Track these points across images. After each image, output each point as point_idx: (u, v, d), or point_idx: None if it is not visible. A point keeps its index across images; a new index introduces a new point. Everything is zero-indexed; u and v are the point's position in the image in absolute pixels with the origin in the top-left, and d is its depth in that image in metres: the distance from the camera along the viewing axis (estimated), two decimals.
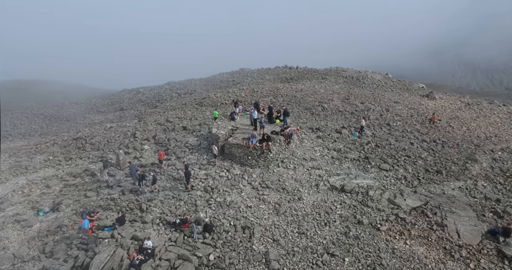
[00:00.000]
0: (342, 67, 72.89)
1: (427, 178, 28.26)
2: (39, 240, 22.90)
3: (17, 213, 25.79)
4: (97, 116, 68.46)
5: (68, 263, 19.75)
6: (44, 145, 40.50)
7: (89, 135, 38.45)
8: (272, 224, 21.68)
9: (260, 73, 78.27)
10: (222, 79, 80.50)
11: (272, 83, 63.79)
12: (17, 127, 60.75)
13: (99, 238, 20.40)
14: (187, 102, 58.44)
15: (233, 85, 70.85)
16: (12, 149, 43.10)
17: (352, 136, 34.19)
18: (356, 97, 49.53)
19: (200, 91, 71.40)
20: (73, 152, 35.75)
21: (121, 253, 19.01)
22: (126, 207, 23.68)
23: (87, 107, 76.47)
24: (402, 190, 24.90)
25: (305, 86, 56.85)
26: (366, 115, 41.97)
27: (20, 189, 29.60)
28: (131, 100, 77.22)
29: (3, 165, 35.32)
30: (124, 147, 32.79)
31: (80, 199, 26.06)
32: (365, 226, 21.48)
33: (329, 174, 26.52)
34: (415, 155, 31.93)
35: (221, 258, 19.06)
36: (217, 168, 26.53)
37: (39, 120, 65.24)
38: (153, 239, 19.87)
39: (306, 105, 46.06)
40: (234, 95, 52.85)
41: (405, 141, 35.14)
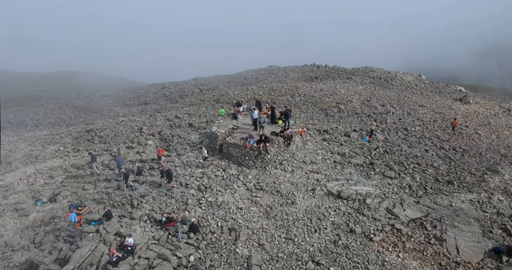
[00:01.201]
0: (371, 67, 70.35)
1: (436, 188, 26.67)
2: (32, 229, 23.32)
3: (18, 202, 26.44)
4: (122, 109, 69.68)
5: (52, 255, 19.93)
6: (58, 136, 41.65)
7: (100, 127, 39.14)
8: (260, 228, 21.06)
9: (285, 71, 77.27)
10: (247, 76, 79.95)
11: (293, 82, 62.87)
12: (49, 117, 62.84)
13: (84, 232, 20.47)
14: (205, 98, 58.50)
15: (255, 83, 70.40)
16: (33, 137, 44.69)
17: (362, 140, 32.85)
18: (378, 99, 47.49)
19: (221, 88, 71.27)
20: (83, 143, 36.47)
21: (103, 248, 18.96)
22: (118, 202, 23.74)
23: (114, 100, 77.90)
24: (404, 199, 23.58)
25: (326, 86, 55.50)
26: (383, 118, 40.37)
27: (26, 177, 30.39)
28: (156, 95, 77.99)
29: (19, 153, 36.58)
30: (129, 141, 33.06)
31: (78, 191, 26.40)
32: (357, 235, 20.46)
33: (328, 178, 25.53)
34: (427, 162, 30.24)
35: (202, 260, 18.65)
36: (214, 166, 26.16)
37: (69, 111, 67.10)
38: (137, 236, 19.73)
39: (322, 106, 44.90)
40: (252, 93, 52.45)
41: (419, 147, 33.38)
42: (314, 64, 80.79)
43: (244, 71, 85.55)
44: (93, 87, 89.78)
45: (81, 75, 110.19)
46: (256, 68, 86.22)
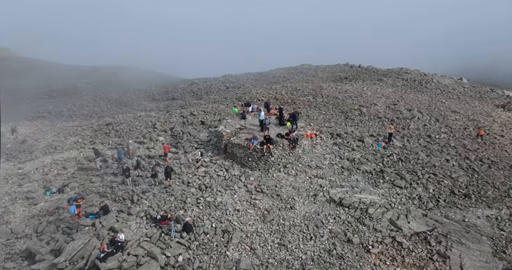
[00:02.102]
0: (407, 69, 67.63)
1: (450, 201, 25.16)
2: (37, 219, 24.04)
3: (30, 190, 27.40)
4: (150, 104, 71.06)
5: (49, 246, 20.42)
6: (81, 127, 43.02)
7: (118, 121, 39.99)
8: (255, 231, 20.61)
9: (315, 70, 76.01)
10: (276, 75, 79.20)
11: (320, 82, 61.73)
12: (83, 108, 65.13)
13: (81, 225, 20.80)
14: (228, 96, 58.61)
15: (282, 82, 69.73)
16: (60, 128, 46.51)
17: (377, 146, 31.54)
18: (406, 103, 45.30)
19: (247, 86, 71.09)
20: (100, 136, 37.39)
21: (95, 243, 19.21)
22: (120, 197, 24.02)
23: (145, 95, 79.35)
24: (410, 211, 22.33)
25: (352, 87, 53.96)
26: (406, 124, 38.71)
27: (42, 167, 31.48)
28: (184, 91, 78.68)
29: (42, 143, 38.04)
30: (141, 136, 33.53)
31: (85, 184, 26.98)
32: (354, 246, 19.57)
33: (332, 184, 24.63)
34: (444, 173, 28.60)
35: (191, 261, 18.47)
36: (217, 166, 25.92)
37: (102, 104, 69.12)
38: (130, 232, 19.80)
39: (344, 108, 43.69)
40: (274, 93, 52.00)
41: (440, 156, 31.64)
42: (347, 64, 78.75)
43: (275, 69, 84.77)
44: (132, 81, 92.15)
45: (124, 69, 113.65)
46: (287, 67, 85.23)
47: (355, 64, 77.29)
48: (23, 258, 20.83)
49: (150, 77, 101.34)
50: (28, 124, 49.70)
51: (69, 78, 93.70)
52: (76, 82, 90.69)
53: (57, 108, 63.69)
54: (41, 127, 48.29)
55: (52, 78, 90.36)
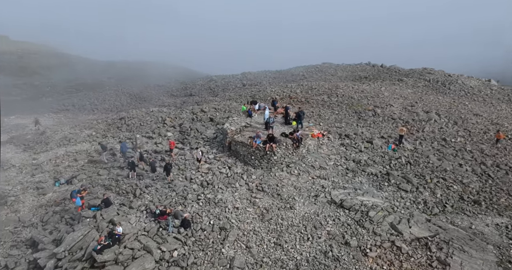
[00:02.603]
0: (431, 69, 65.29)
1: (458, 207, 24.41)
2: (44, 208, 24.75)
3: (41, 181, 28.22)
4: (168, 99, 71.97)
5: (52, 235, 20.99)
6: (96, 121, 43.98)
7: (131, 116, 40.65)
8: (252, 230, 20.55)
9: (335, 69, 75.05)
10: (295, 73, 78.67)
11: (337, 81, 61.01)
12: (105, 102, 66.82)
13: (83, 216, 21.24)
14: (243, 94, 58.69)
15: (299, 80, 69.23)
16: (79, 121, 47.66)
17: (387, 148, 30.87)
18: (425, 105, 43.96)
19: (264, 84, 70.89)
20: (112, 130, 38.12)
21: (94, 234, 19.57)
22: (124, 190, 24.39)
23: (165, 90, 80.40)
24: (413, 215, 21.74)
25: (370, 87, 52.97)
26: (421, 126, 37.80)
27: (55, 158, 32.37)
28: (202, 87, 79.22)
29: (58, 135, 39.07)
30: (151, 131, 33.94)
31: (93, 176, 27.56)
32: (351, 248, 19.25)
33: (335, 186, 24.27)
34: (455, 178, 27.76)
35: (186, 256, 18.62)
36: (221, 163, 25.97)
37: (123, 98, 70.63)
38: (129, 226, 20.07)
39: (358, 108, 43.03)
40: (289, 91, 51.77)
41: (453, 160, 30.71)
42: (369, 63, 77.32)
43: (294, 67, 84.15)
44: (156, 77, 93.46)
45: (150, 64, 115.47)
46: (307, 65, 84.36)
47: (377, 64, 75.69)
48: (27, 246, 21.51)
49: (174, 73, 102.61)
50: (52, 116, 51.17)
51: (97, 73, 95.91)
52: (102, 77, 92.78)
53: (81, 101, 65.50)
54: (63, 119, 49.65)
55: (82, 73, 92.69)
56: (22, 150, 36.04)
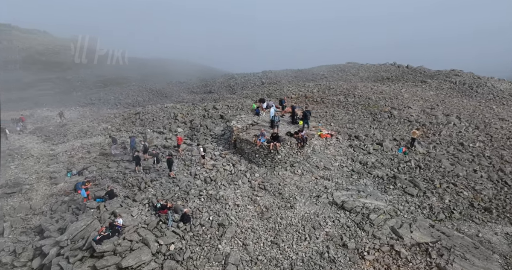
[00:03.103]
0: (458, 71, 63.12)
1: (466, 213, 23.67)
2: (55, 197, 25.66)
3: (55, 171, 29.26)
4: (188, 96, 72.85)
5: (58, 224, 21.71)
6: (113, 115, 45.09)
7: (145, 111, 41.44)
8: (250, 227, 20.62)
9: (358, 69, 73.84)
10: (316, 72, 77.88)
11: (357, 81, 60.11)
12: (128, 97, 68.44)
13: (87, 207, 21.85)
14: (260, 92, 58.74)
15: (319, 79, 68.56)
16: (100, 114, 48.95)
17: (397, 151, 30.24)
18: (446, 108, 42.47)
19: (283, 83, 70.46)
20: (126, 124, 38.99)
21: (96, 225, 20.12)
22: (130, 183, 24.93)
23: (185, 87, 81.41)
24: (416, 220, 21.22)
25: (389, 88, 51.92)
26: (437, 129, 36.76)
27: (70, 150, 33.47)
28: (221, 85, 79.65)
29: (77, 127, 40.33)
30: (162, 126, 34.51)
31: (103, 168, 28.31)
32: (348, 251, 19.01)
33: (338, 187, 23.99)
34: (468, 184, 26.92)
35: (182, 250, 18.87)
36: (225, 160, 26.13)
37: (146, 94, 72.06)
38: (129, 218, 20.51)
39: (374, 109, 42.29)
40: (305, 91, 51.51)
41: (468, 166, 29.76)
42: (394, 64, 75.50)
43: (317, 66, 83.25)
44: (181, 73, 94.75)
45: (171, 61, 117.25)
46: (330, 65, 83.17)
47: (402, 64, 73.80)
48: (35, 233, 22.36)
49: (193, 70, 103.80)
50: (78, 110, 52.80)
51: (125, 69, 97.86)
52: (129, 73, 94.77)
53: (107, 96, 67.28)
54: (88, 113, 51.11)
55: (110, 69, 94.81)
56: (42, 140, 37.42)
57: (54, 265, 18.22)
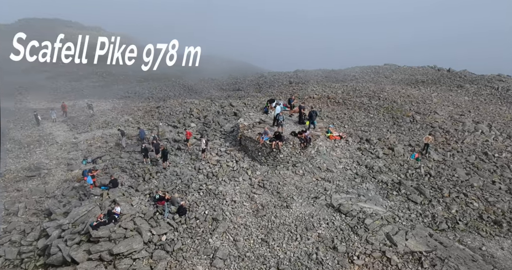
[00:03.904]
0: (503, 76, 59.27)
1: (473, 225, 22.71)
2: (68, 183, 26.99)
3: (73, 158, 30.78)
4: (216, 93, 73.57)
5: (64, 208, 22.95)
6: (137, 108, 46.59)
7: (165, 105, 42.54)
8: (243, 224, 20.85)
9: (393, 71, 71.36)
10: (348, 73, 76.15)
11: (387, 84, 58.50)
12: (161, 92, 69.97)
13: (91, 193, 22.87)
14: (284, 91, 58.50)
15: (348, 80, 67.22)
16: (128, 107, 50.67)
17: (410, 157, 29.39)
18: (478, 115, 40.59)
19: (310, 83, 69.53)
20: (146, 117, 40.18)
21: (97, 211, 21.02)
22: (136, 173, 25.81)
23: (216, 84, 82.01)
24: (414, 228, 20.60)
25: (419, 92, 50.04)
26: (461, 137, 35.20)
27: (91, 139, 34.99)
28: (251, 83, 79.77)
29: (102, 119, 42.03)
30: (176, 121, 35.33)
31: (115, 158, 29.42)
32: (338, 254, 18.82)
33: (338, 189, 23.68)
34: (481, 195, 25.77)
35: (173, 241, 19.36)
36: (230, 157, 26.45)
37: (178, 89, 73.37)
38: (127, 207, 21.25)
39: (397, 113, 41.09)
40: (329, 91, 50.76)
41: (487, 177, 28.47)
42: (434, 67, 72.40)
43: (351, 67, 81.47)
44: (219, 70, 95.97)
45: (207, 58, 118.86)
46: (365, 65, 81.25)
47: (443, 68, 70.60)
48: (45, 215, 23.73)
49: (229, 67, 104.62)
50: (114, 102, 54.52)
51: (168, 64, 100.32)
52: (170, 69, 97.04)
53: (142, 90, 69.10)
54: (120, 105, 52.89)
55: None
56: (69, 129, 39.25)
57: (54, 246, 19.23)
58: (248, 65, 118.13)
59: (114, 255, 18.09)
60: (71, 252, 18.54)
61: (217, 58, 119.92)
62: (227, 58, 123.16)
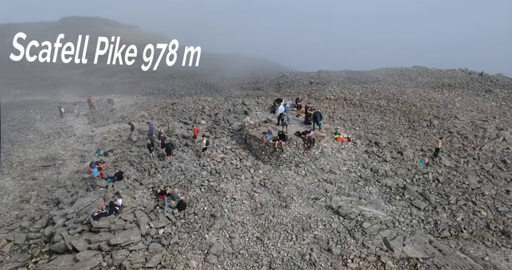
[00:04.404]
0: None
1: (478, 234, 22.04)
2: (79, 174, 27.97)
3: (86, 150, 31.85)
4: (237, 91, 73.70)
5: (71, 198, 23.83)
6: (154, 104, 47.51)
7: (180, 102, 43.21)
8: (240, 221, 21.04)
9: (420, 74, 68.32)
10: (372, 74, 74.03)
11: (409, 87, 56.76)
12: (183, 90, 70.92)
13: (97, 185, 23.61)
14: (302, 91, 58.01)
15: (370, 82, 65.88)
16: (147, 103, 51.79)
17: (420, 162, 28.73)
18: (504, 121, 38.44)
19: (331, 84, 68.59)
20: (160, 113, 40.97)
21: (100, 202, 21.77)
22: (143, 167, 26.43)
23: (237, 83, 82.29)
24: (414, 234, 20.19)
25: (441, 96, 48.14)
26: (479, 144, 33.99)
27: (106, 133, 36.04)
28: (271, 82, 79.24)
29: (119, 114, 43.15)
30: (188, 118, 35.86)
31: (126, 151, 30.20)
32: (332, 256, 18.72)
33: (339, 191, 23.46)
34: (492, 204, 24.92)
35: (170, 235, 19.80)
36: (234, 155, 26.67)
37: (199, 87, 74.09)
38: (129, 199, 21.83)
39: (414, 117, 40.08)
40: (348, 93, 50.03)
41: (501, 185, 27.49)
42: (465, 70, 69.60)
43: (376, 69, 79.35)
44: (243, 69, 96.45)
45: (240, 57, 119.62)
46: (392, 67, 78.97)
47: (475, 71, 67.80)
48: (54, 204, 24.66)
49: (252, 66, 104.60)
50: (138, 98, 55.73)
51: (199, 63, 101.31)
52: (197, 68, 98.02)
53: (166, 87, 70.44)
54: (142, 101, 54.13)
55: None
56: (88, 122, 40.60)
57: (57, 234, 20.04)
58: (273, 64, 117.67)
59: (112, 246, 18.67)
60: (73, 240, 19.25)
61: (241, 58, 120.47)
62: (252, 57, 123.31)
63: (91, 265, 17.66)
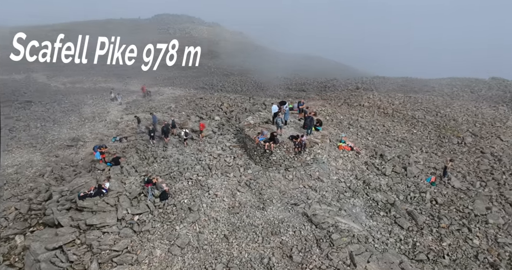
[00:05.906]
0: None
1: (461, 263, 20.60)
2: (92, 156, 30.03)
3: (107, 135, 34.14)
4: (281, 91, 71.70)
5: (74, 177, 25.84)
6: (184, 97, 49.27)
7: (205, 97, 44.51)
8: (214, 218, 21.67)
9: (488, 87, 60.19)
10: (428, 84, 67.48)
11: (460, 100, 52.37)
12: (231, 86, 70.79)
13: (96, 168, 25.40)
14: (341, 95, 56.15)
15: (424, 92, 61.20)
16: (188, 96, 53.87)
17: (425, 180, 27.32)
18: None
19: (380, 90, 65.54)
20: (185, 106, 42.49)
21: (93, 183, 23.46)
22: (145, 156, 27.87)
23: (285, 83, 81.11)
24: (385, 252, 19.46)
25: (496, 112, 42.89)
26: (500, 163, 31.32)
27: (131, 120, 38.26)
28: (319, 85, 75.16)
29: (148, 105, 45.41)
30: (205, 113, 36.93)
31: (138, 139, 31.88)
32: (292, 263, 18.75)
33: (321, 200, 23.11)
34: (493, 234, 23.06)
35: (144, 223, 20.89)
36: (230, 152, 27.22)
37: (247, 85, 74.08)
38: (118, 184, 23.25)
39: (447, 132, 37.52)
40: (385, 100, 48.15)
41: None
42: None
43: (439, 78, 73.38)
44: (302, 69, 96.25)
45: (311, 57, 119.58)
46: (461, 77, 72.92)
47: None
48: (61, 180, 26.83)
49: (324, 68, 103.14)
50: (188, 91, 57.87)
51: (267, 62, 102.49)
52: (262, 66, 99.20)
53: (216, 83, 72.12)
54: (188, 94, 56.32)
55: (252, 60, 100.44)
56: (122, 110, 43.27)
57: (49, 208, 21.96)
58: (346, 67, 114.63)
59: (88, 226, 20.12)
60: (59, 216, 21.07)
61: (315, 60, 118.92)
62: (326, 59, 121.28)
63: (64, 241, 19.26)
